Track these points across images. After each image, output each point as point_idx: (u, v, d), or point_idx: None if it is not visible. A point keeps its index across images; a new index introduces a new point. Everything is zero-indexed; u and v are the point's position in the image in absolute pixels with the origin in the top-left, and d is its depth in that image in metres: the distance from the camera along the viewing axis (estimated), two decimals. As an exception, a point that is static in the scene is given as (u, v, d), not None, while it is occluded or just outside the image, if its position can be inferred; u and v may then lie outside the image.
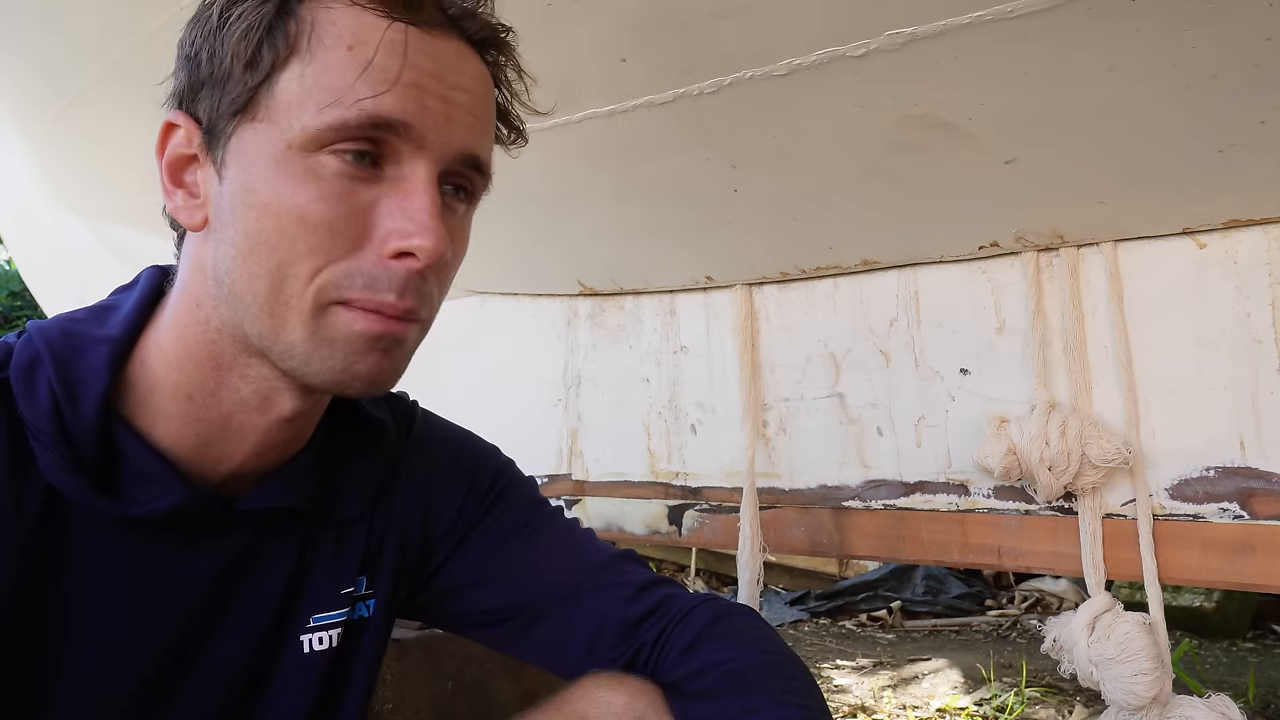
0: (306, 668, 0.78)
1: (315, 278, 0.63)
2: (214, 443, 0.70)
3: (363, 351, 0.64)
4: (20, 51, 1.65)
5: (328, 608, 0.80)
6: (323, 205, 0.62)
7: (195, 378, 0.68)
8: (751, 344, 1.55)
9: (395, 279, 0.63)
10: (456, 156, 0.66)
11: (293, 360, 0.65)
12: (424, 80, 0.63)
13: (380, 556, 0.84)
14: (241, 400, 0.69)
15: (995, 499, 1.31)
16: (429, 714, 1.40)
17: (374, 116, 0.62)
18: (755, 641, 0.82)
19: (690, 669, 0.80)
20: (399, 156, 0.64)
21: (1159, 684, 1.13)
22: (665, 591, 0.88)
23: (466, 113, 0.66)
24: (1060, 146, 1.08)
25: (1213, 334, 1.15)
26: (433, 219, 0.63)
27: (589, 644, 0.86)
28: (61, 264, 2.75)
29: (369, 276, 0.63)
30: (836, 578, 4.53)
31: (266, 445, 0.72)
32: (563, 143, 1.27)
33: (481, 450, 0.95)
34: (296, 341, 0.64)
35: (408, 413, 0.91)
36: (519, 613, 0.88)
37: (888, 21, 0.96)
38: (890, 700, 2.72)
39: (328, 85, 0.62)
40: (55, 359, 0.66)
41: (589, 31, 1.08)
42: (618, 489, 1.72)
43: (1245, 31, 0.88)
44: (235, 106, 0.64)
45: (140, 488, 0.67)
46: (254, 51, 0.63)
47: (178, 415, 0.69)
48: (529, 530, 0.90)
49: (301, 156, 0.62)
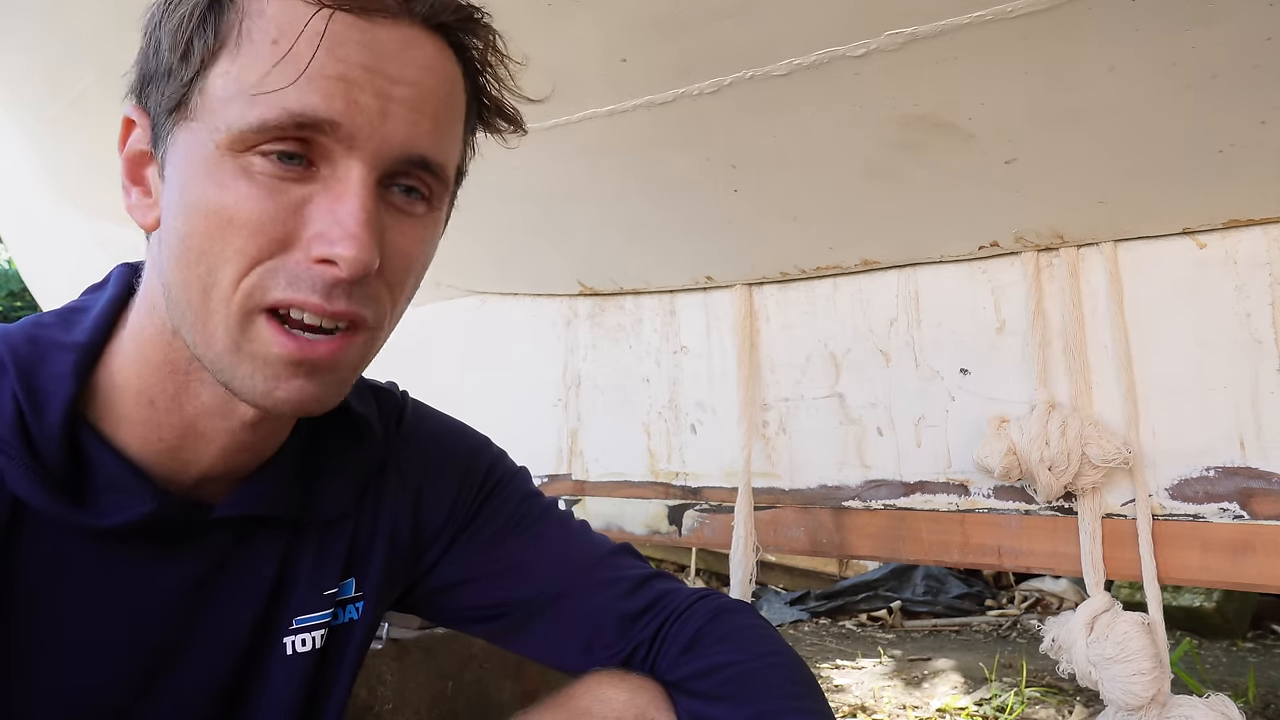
0: (290, 670, 0.76)
1: (242, 281, 0.59)
2: (180, 448, 0.68)
3: (283, 376, 0.61)
4: (22, 49, 1.65)
5: (311, 609, 0.77)
6: (249, 205, 0.58)
7: (155, 383, 0.66)
8: (749, 344, 1.55)
9: (320, 282, 0.59)
10: (397, 157, 0.61)
11: (221, 375, 0.62)
12: (354, 73, 0.58)
13: (368, 557, 0.82)
14: (204, 405, 0.67)
15: (995, 499, 1.31)
16: (429, 714, 1.40)
17: (296, 115, 0.57)
18: (758, 642, 0.82)
19: (694, 669, 0.80)
20: (331, 155, 0.59)
21: (1157, 684, 1.13)
22: (662, 586, 0.88)
23: (409, 108, 0.61)
24: (1060, 146, 1.08)
25: (1213, 334, 1.15)
26: (360, 226, 0.58)
27: (586, 639, 0.85)
28: (61, 262, 2.75)
29: (292, 275, 0.59)
30: (836, 578, 4.53)
31: (234, 449, 0.69)
32: (563, 143, 1.27)
33: (473, 444, 0.92)
34: (222, 354, 0.61)
35: (397, 407, 0.87)
36: (515, 609, 0.87)
37: (888, 21, 0.96)
38: (890, 700, 2.72)
39: (251, 82, 0.58)
40: (19, 366, 0.64)
41: (589, 31, 1.08)
42: (618, 489, 1.72)
43: (1245, 31, 0.88)
44: (171, 104, 0.61)
45: (109, 497, 0.65)
46: (186, 44, 0.60)
47: (141, 421, 0.66)
48: (523, 526, 0.89)
49: (231, 157, 0.59)
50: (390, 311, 0.65)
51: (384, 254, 0.61)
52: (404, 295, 0.66)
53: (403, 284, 0.65)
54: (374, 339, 0.65)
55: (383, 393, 0.87)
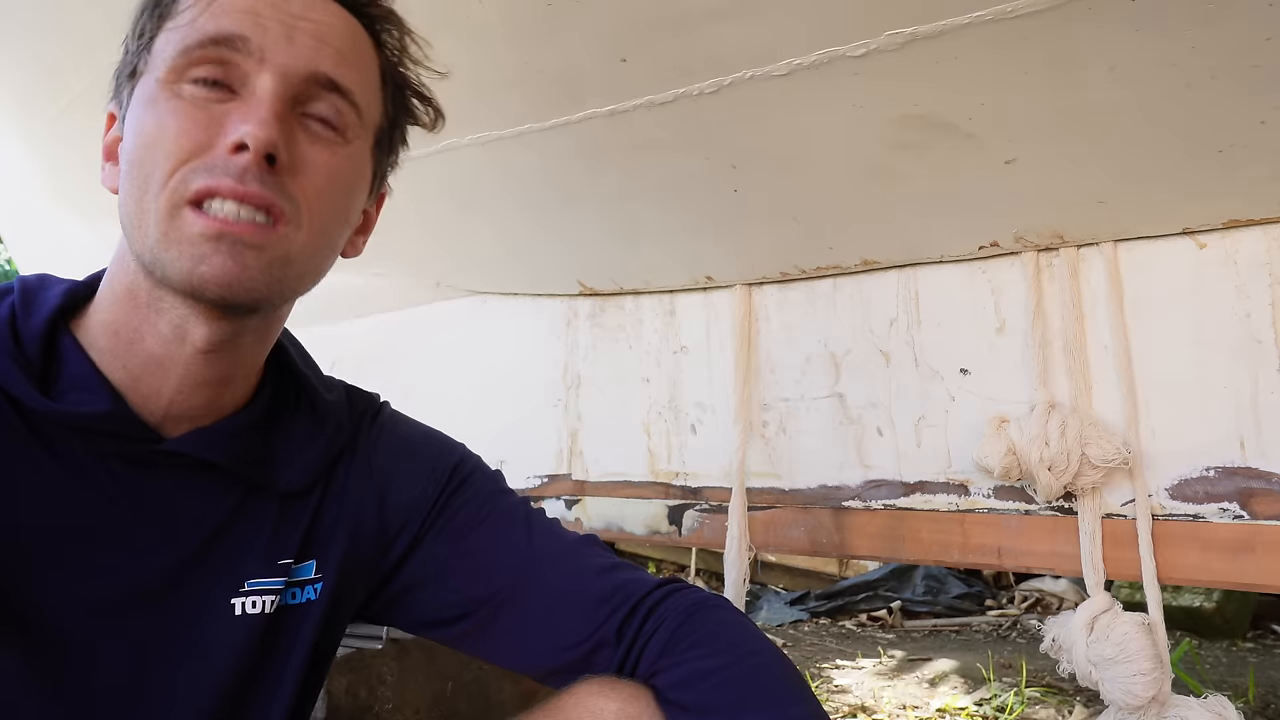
0: (236, 630, 0.77)
1: (170, 179, 0.68)
2: (142, 378, 0.73)
3: (206, 253, 0.67)
4: (21, 49, 1.65)
5: (262, 574, 0.79)
6: (179, 118, 0.69)
7: (119, 314, 0.73)
8: (746, 344, 1.55)
9: (234, 166, 0.67)
10: (304, 75, 0.71)
11: (155, 267, 0.69)
12: (260, 7, 0.70)
13: (330, 542, 0.83)
14: (161, 335, 0.73)
15: (995, 499, 1.31)
16: (429, 714, 1.40)
17: (210, 34, 0.69)
18: (739, 642, 0.80)
19: (676, 676, 0.79)
20: (247, 78, 0.70)
21: (1157, 684, 1.13)
22: (626, 575, 0.87)
23: (312, 37, 0.72)
24: (1060, 146, 1.08)
25: (1213, 334, 1.15)
26: (268, 114, 0.68)
27: (550, 631, 0.85)
28: (61, 261, 2.75)
29: (210, 165, 0.67)
30: (836, 578, 4.53)
31: (191, 382, 0.74)
32: (563, 143, 1.27)
33: (442, 444, 0.94)
34: (154, 244, 0.68)
35: (373, 407, 0.92)
36: (479, 604, 0.86)
37: (888, 21, 0.96)
38: (890, 700, 2.72)
39: (180, 26, 0.71)
40: (23, 288, 0.76)
41: (589, 31, 1.08)
42: (618, 489, 1.72)
43: (1245, 31, 0.88)
44: (128, 72, 0.74)
45: (73, 395, 0.72)
46: (140, 28, 0.73)
47: (108, 350, 0.74)
48: (489, 522, 0.89)
49: (166, 87, 0.70)
50: (310, 217, 0.72)
51: (297, 160, 0.70)
52: (322, 208, 0.73)
53: (319, 193, 0.72)
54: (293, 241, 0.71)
55: (358, 393, 0.92)
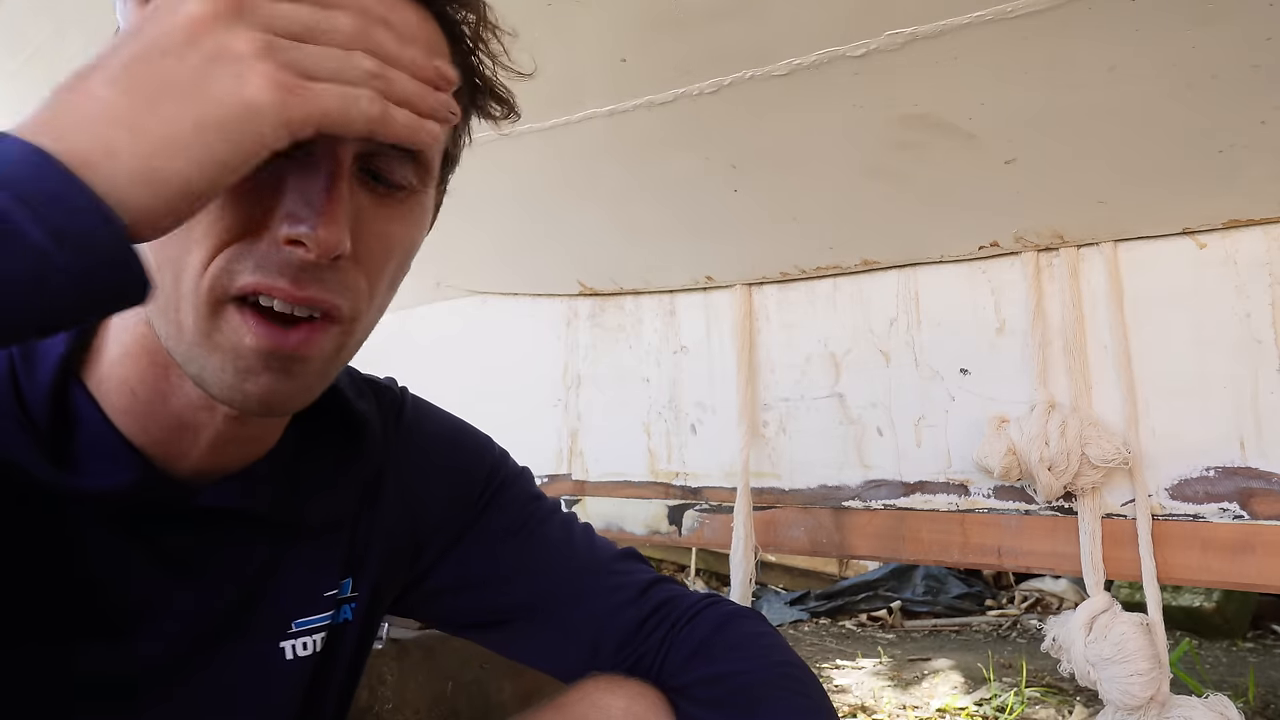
0: (289, 675, 0.73)
1: (210, 265, 0.55)
2: (167, 440, 0.65)
3: (254, 370, 0.57)
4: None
5: (310, 612, 0.75)
6: None
7: (133, 371, 0.63)
8: (748, 344, 1.55)
9: (289, 265, 0.55)
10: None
11: (190, 366, 0.58)
12: None
13: (365, 556, 0.80)
14: (189, 400, 0.63)
15: (995, 499, 1.31)
16: (429, 714, 1.40)
17: None
18: (766, 651, 0.80)
19: (699, 675, 0.78)
20: None
21: (1155, 684, 1.13)
22: (668, 591, 0.86)
23: None
24: (1060, 146, 1.08)
25: (1213, 334, 1.15)
26: (329, 204, 0.54)
27: (590, 646, 0.84)
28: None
29: (261, 257, 0.55)
30: (836, 578, 4.53)
31: (222, 442, 0.66)
32: (563, 143, 1.27)
33: (475, 444, 0.91)
34: (192, 345, 0.57)
35: (396, 403, 0.85)
36: (516, 614, 0.85)
37: (888, 21, 0.96)
38: (890, 700, 2.72)
39: None
40: None
41: (589, 31, 1.08)
42: (618, 489, 1.72)
43: (1245, 31, 0.88)
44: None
45: (93, 462, 0.62)
46: None
47: (127, 411, 0.64)
48: (526, 530, 0.87)
49: None
50: (369, 303, 0.61)
51: (361, 238, 0.58)
52: (383, 284, 0.62)
53: (381, 271, 0.61)
54: (350, 333, 0.61)
55: (382, 389, 0.85)
